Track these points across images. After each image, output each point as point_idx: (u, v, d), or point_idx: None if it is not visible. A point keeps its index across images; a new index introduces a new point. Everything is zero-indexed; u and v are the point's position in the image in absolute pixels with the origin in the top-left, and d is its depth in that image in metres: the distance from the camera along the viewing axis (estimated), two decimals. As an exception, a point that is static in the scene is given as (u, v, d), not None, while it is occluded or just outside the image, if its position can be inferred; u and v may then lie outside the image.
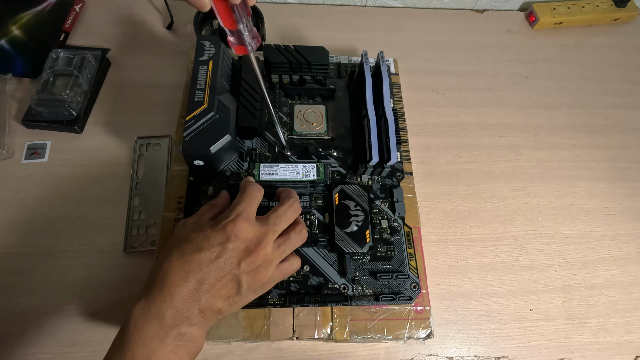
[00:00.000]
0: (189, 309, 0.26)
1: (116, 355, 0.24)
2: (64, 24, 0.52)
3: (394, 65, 0.51)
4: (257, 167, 0.40)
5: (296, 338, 0.36)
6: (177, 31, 0.55)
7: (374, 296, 0.37)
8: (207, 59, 0.40)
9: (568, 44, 0.62)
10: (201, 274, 0.27)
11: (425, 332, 0.37)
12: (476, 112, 0.54)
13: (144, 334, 0.24)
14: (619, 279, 0.45)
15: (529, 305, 0.43)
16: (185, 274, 0.26)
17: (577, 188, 0.50)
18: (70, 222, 0.42)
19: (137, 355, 0.24)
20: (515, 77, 0.58)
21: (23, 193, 0.43)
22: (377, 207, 0.41)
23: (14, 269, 0.40)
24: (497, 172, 0.50)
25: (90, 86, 0.47)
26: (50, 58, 0.47)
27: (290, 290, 0.37)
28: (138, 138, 0.46)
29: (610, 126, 0.55)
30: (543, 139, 0.53)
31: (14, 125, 0.46)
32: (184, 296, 0.26)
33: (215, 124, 0.37)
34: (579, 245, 0.47)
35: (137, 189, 0.44)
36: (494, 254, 0.45)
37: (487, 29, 0.62)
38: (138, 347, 0.24)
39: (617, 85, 0.59)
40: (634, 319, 0.43)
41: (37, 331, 0.37)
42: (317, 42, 0.52)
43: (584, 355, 0.41)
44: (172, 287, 0.26)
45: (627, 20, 0.65)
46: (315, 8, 0.60)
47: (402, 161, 0.44)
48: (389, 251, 0.39)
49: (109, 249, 0.41)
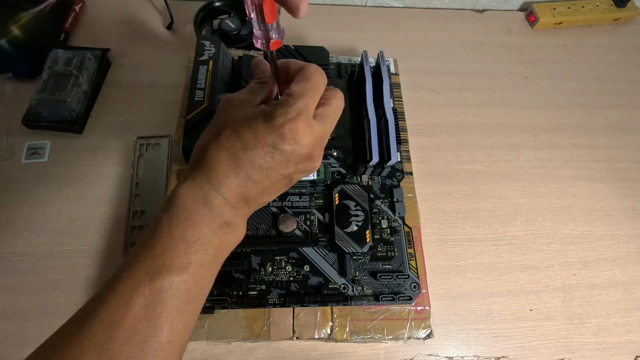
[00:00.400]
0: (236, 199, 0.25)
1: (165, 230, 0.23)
2: (64, 24, 0.52)
3: (394, 65, 0.51)
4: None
5: (296, 338, 0.36)
6: (177, 31, 0.56)
7: (374, 296, 0.37)
8: (207, 59, 0.40)
9: (568, 44, 0.62)
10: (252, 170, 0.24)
11: (425, 332, 0.37)
12: (476, 112, 0.54)
13: (193, 215, 0.24)
14: (619, 279, 0.45)
15: (529, 305, 0.43)
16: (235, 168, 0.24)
17: (577, 188, 0.50)
18: (70, 222, 0.42)
19: (186, 234, 0.23)
20: (515, 77, 0.58)
21: (23, 193, 0.43)
22: (377, 207, 0.41)
23: (14, 269, 0.40)
24: (497, 172, 0.50)
25: (90, 86, 0.47)
26: (50, 58, 0.47)
27: (290, 290, 0.37)
28: (138, 138, 0.46)
29: (610, 126, 0.55)
30: (543, 139, 0.53)
31: (14, 125, 0.46)
32: (232, 187, 0.24)
33: (215, 124, 0.37)
34: (579, 245, 0.47)
35: (137, 189, 0.44)
36: (494, 254, 0.45)
37: (487, 29, 0.62)
38: (187, 227, 0.23)
39: (617, 85, 0.59)
40: (634, 319, 0.43)
41: (37, 331, 0.37)
42: (317, 42, 0.52)
43: (584, 355, 0.41)
44: (221, 176, 0.24)
45: (627, 20, 0.65)
46: (315, 8, 0.60)
47: (402, 161, 0.44)
48: (389, 251, 0.39)
49: (109, 249, 0.41)
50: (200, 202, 0.24)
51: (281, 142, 0.24)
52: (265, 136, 0.24)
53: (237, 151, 0.24)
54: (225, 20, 0.50)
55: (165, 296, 0.22)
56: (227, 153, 0.24)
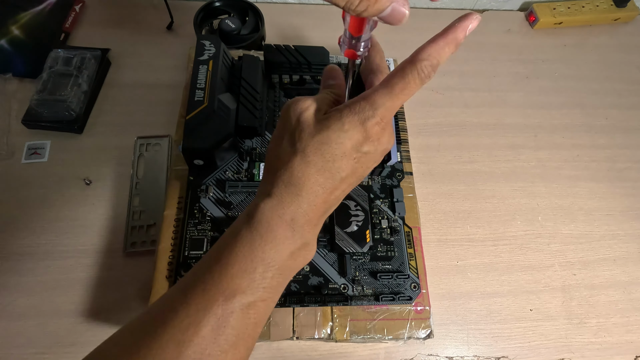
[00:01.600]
0: (318, 215, 0.24)
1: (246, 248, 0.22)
2: (64, 24, 0.52)
3: (394, 65, 0.51)
4: (257, 167, 0.40)
5: (296, 338, 0.36)
6: (177, 31, 0.56)
7: (374, 296, 0.37)
8: (207, 59, 0.40)
9: (568, 44, 0.62)
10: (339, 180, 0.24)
11: (425, 332, 0.37)
12: (476, 112, 0.54)
13: (277, 237, 0.23)
14: (619, 279, 0.45)
15: (529, 305, 0.43)
16: (324, 180, 0.23)
17: (577, 188, 0.50)
18: (70, 222, 0.42)
19: (266, 257, 0.22)
20: (515, 77, 0.58)
21: (23, 193, 0.43)
22: (377, 207, 0.41)
23: (14, 269, 0.40)
24: (497, 172, 0.50)
25: (90, 86, 0.47)
26: (50, 58, 0.47)
27: (291, 290, 0.37)
28: (138, 138, 0.46)
29: (610, 126, 0.55)
30: (543, 139, 0.53)
31: (14, 125, 0.46)
32: (317, 204, 0.24)
33: (215, 123, 0.37)
34: (579, 245, 0.47)
35: (137, 189, 0.44)
36: (494, 254, 0.45)
37: (487, 29, 0.62)
38: (269, 249, 0.22)
39: (617, 85, 0.59)
40: (634, 319, 0.43)
41: (37, 331, 0.37)
42: (317, 42, 0.52)
43: (584, 355, 0.41)
44: (309, 194, 0.23)
45: (627, 20, 0.65)
46: (315, 8, 0.60)
47: (402, 161, 0.44)
48: (389, 251, 0.39)
49: (109, 249, 0.41)
50: (286, 221, 0.23)
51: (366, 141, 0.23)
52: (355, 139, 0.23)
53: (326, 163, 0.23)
54: (225, 20, 0.50)
55: (235, 319, 0.21)
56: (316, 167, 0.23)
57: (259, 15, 0.53)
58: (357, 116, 0.23)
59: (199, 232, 0.37)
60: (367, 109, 0.23)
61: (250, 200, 0.39)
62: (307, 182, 0.23)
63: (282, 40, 0.54)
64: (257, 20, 0.53)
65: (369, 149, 0.24)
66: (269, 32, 0.56)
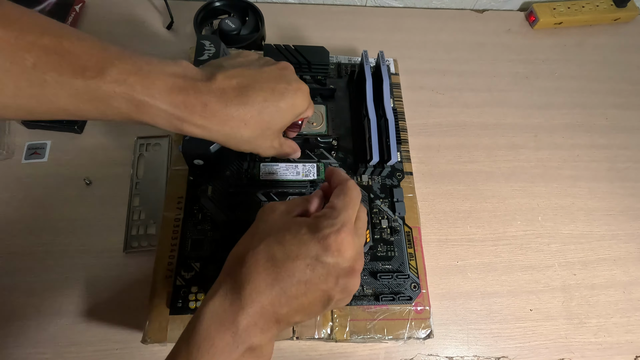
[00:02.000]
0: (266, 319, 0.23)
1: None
2: (64, 24, 0.52)
3: (394, 65, 0.51)
4: (257, 167, 0.40)
5: (296, 338, 0.36)
6: (177, 31, 0.56)
7: (374, 296, 0.37)
8: (207, 59, 0.40)
9: (568, 44, 0.62)
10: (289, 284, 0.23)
11: (425, 332, 0.37)
12: (476, 112, 0.54)
13: (215, 344, 0.22)
14: (619, 279, 0.45)
15: (529, 305, 0.43)
16: (272, 281, 0.23)
17: (577, 188, 0.50)
18: (70, 222, 0.42)
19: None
20: (515, 77, 0.58)
21: (23, 193, 0.43)
22: (377, 207, 0.41)
23: (14, 269, 0.40)
24: (497, 172, 0.50)
25: (90, 86, 0.47)
26: (50, 58, 0.47)
27: (290, 290, 0.37)
28: (138, 138, 0.46)
29: (610, 126, 0.55)
30: (543, 139, 0.53)
31: (14, 125, 0.46)
32: (264, 305, 0.23)
33: (215, 123, 0.37)
34: (579, 245, 0.47)
35: (137, 189, 0.44)
36: (494, 254, 0.45)
37: (487, 29, 0.62)
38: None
39: (617, 85, 0.59)
40: (634, 319, 0.43)
41: (37, 331, 0.37)
42: (317, 42, 0.52)
43: (584, 355, 0.41)
44: (255, 292, 0.23)
45: (627, 20, 0.65)
46: (315, 8, 0.60)
47: (402, 161, 0.44)
48: (389, 251, 0.39)
49: (109, 249, 0.41)
50: (226, 325, 0.22)
51: (325, 254, 0.23)
52: (310, 247, 0.23)
53: (276, 262, 0.23)
54: (225, 20, 0.50)
55: None
56: (265, 266, 0.23)
57: (259, 15, 0.53)
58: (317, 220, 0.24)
59: (198, 232, 0.37)
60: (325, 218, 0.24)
61: (250, 200, 0.39)
62: (253, 279, 0.23)
63: (282, 40, 0.54)
64: (257, 20, 0.53)
65: (328, 260, 0.23)
66: (269, 32, 0.56)
